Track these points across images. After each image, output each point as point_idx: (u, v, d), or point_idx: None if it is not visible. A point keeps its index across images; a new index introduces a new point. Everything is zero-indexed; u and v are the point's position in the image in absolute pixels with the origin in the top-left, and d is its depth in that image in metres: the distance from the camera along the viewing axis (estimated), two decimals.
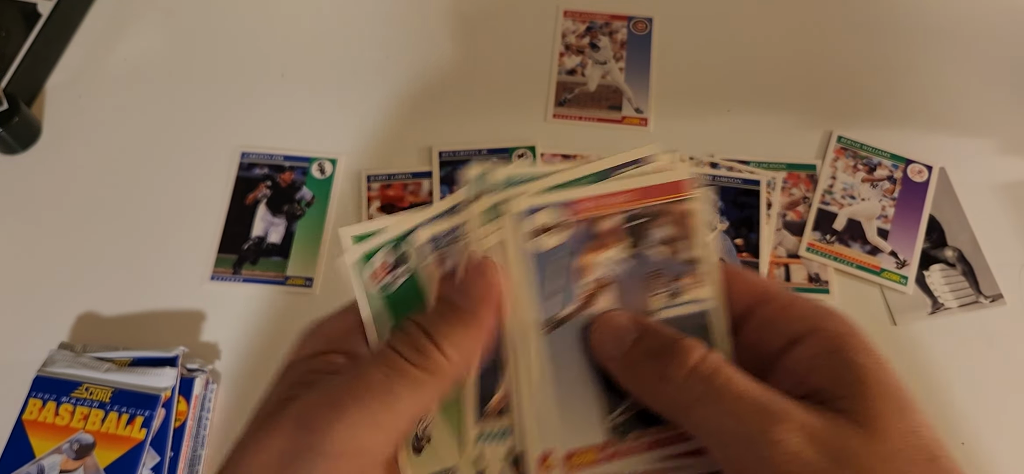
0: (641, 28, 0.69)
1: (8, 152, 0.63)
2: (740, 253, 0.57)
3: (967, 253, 0.57)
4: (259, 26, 0.70)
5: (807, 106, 0.65)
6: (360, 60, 0.68)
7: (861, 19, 0.69)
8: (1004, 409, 0.52)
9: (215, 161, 0.63)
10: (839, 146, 0.62)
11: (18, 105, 0.62)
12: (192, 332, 0.56)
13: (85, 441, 0.48)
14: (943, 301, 0.56)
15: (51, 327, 0.56)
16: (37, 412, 0.49)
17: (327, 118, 0.65)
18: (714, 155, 0.62)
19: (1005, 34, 0.68)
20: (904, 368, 0.59)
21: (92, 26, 0.70)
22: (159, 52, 0.69)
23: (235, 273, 0.58)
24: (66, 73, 0.68)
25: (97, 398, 0.49)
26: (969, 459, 0.51)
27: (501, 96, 0.66)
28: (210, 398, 0.53)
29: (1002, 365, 0.53)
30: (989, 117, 0.64)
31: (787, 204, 0.60)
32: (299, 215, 0.60)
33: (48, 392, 0.49)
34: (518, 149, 0.62)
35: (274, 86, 0.67)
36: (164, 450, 0.48)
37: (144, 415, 0.49)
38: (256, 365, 0.55)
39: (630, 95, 0.65)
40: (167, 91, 0.67)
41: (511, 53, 0.68)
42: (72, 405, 0.49)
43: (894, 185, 0.60)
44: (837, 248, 0.58)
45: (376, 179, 0.62)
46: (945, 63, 0.67)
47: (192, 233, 0.60)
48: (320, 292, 0.57)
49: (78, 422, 0.49)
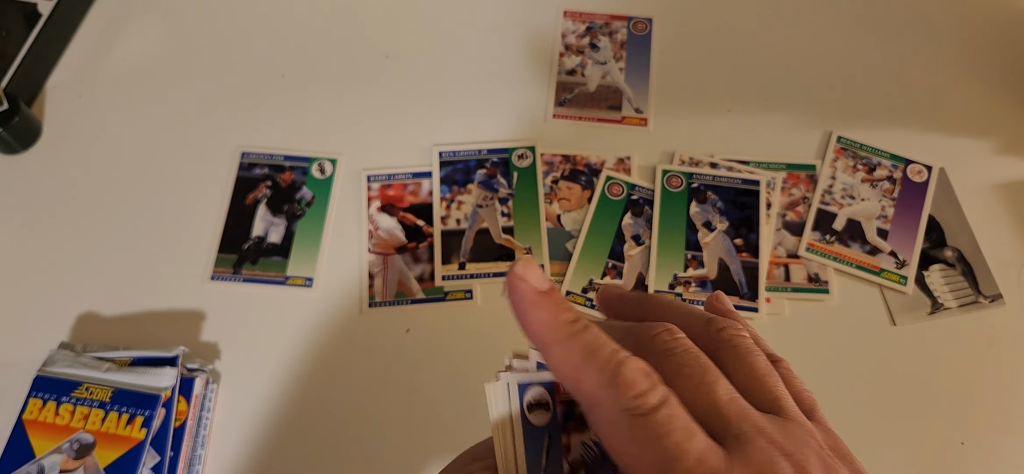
0: (641, 28, 0.69)
1: (8, 152, 0.64)
2: (740, 253, 0.57)
3: (967, 253, 0.57)
4: (259, 26, 0.70)
5: (807, 106, 0.65)
6: (360, 60, 0.68)
7: (861, 19, 0.69)
8: (1003, 409, 0.52)
9: (215, 161, 0.63)
10: (839, 146, 0.62)
11: (18, 105, 0.62)
12: (192, 332, 0.56)
13: (85, 441, 0.48)
14: (943, 301, 0.56)
15: (51, 327, 0.56)
16: (37, 412, 0.49)
17: (327, 118, 0.65)
18: (714, 155, 0.62)
19: (1004, 34, 0.68)
20: (903, 368, 0.60)
21: (92, 26, 0.71)
22: (159, 52, 0.69)
23: (235, 273, 0.58)
24: (66, 73, 0.68)
25: (97, 398, 0.49)
26: (968, 459, 0.51)
27: (501, 96, 0.66)
28: (210, 397, 0.53)
29: (1001, 365, 0.53)
30: (989, 117, 0.64)
31: (787, 204, 0.60)
32: (299, 215, 0.60)
33: (48, 392, 0.49)
34: (518, 149, 0.62)
35: (274, 86, 0.67)
36: (164, 450, 0.48)
37: (144, 415, 0.49)
38: (256, 365, 0.55)
39: (630, 95, 0.65)
40: (167, 91, 0.67)
41: (511, 53, 0.68)
42: (72, 405, 0.49)
43: (894, 185, 0.60)
44: (837, 248, 0.58)
45: (376, 179, 0.62)
46: (945, 63, 0.67)
47: (192, 233, 0.60)
48: (320, 292, 0.57)
49: (78, 422, 0.49)
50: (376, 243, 0.59)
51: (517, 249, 0.58)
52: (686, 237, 0.58)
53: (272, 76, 0.67)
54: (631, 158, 0.62)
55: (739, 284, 0.56)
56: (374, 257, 0.58)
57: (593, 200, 0.60)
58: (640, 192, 0.60)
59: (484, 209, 0.60)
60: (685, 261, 0.57)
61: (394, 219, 0.60)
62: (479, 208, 0.60)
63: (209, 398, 0.53)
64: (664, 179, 0.60)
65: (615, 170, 0.61)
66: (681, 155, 0.62)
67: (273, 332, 0.56)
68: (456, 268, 0.58)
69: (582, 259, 0.58)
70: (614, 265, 0.57)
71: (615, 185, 0.61)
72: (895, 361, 0.54)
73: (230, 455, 0.52)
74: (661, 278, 0.57)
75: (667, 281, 0.56)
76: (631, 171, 0.62)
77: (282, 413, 0.53)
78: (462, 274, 0.58)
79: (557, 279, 0.57)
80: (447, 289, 0.57)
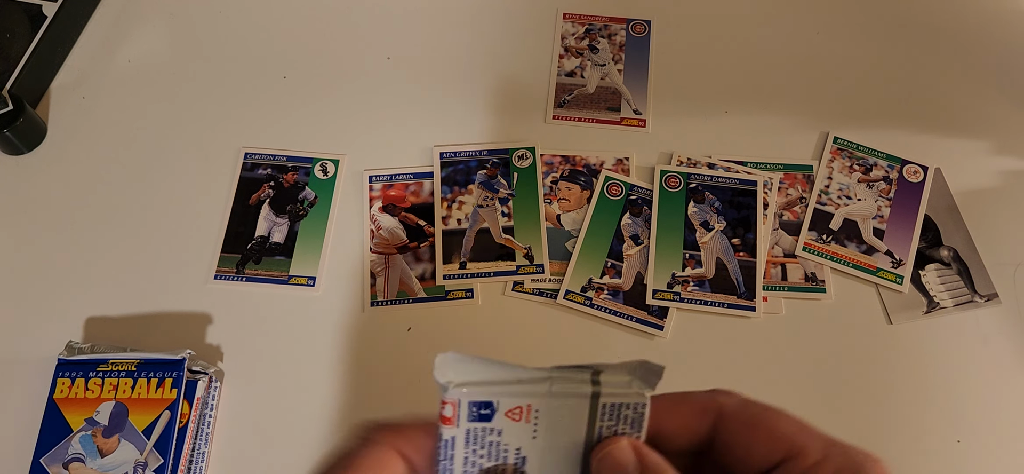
0: (640, 30, 0.70)
1: (13, 153, 0.64)
2: (737, 253, 0.58)
3: (962, 253, 0.58)
4: (262, 28, 0.71)
5: (804, 107, 0.65)
6: (362, 61, 0.69)
7: (857, 21, 0.70)
8: (999, 408, 0.53)
9: (218, 161, 0.63)
10: (835, 147, 0.63)
11: (23, 106, 0.62)
12: (195, 330, 0.57)
13: (117, 410, 0.50)
14: (938, 300, 0.56)
15: (55, 326, 0.57)
16: (67, 389, 0.50)
17: (329, 119, 0.66)
18: (712, 156, 0.62)
19: (1000, 35, 0.69)
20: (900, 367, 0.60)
21: (96, 28, 0.71)
22: (163, 53, 0.70)
23: (238, 273, 0.59)
24: (71, 74, 0.69)
25: (124, 368, 0.51)
26: (965, 458, 0.51)
27: (501, 97, 0.66)
28: (213, 397, 0.53)
29: (997, 364, 0.54)
30: (984, 118, 0.64)
31: (784, 204, 0.61)
32: (302, 215, 0.61)
33: (74, 371, 0.51)
34: (518, 150, 0.63)
35: (277, 87, 0.67)
36: (168, 452, 0.49)
37: (173, 376, 0.50)
38: (259, 363, 0.55)
39: (629, 97, 0.66)
40: (171, 92, 0.67)
41: (511, 55, 0.69)
42: (100, 378, 0.50)
43: (890, 185, 0.61)
44: (833, 248, 0.58)
45: (378, 179, 0.62)
46: (941, 64, 0.67)
47: (196, 233, 0.60)
48: (323, 291, 0.58)
49: (108, 392, 0.50)
50: (378, 243, 0.60)
51: (517, 249, 0.59)
52: (684, 237, 0.59)
53: (275, 77, 0.68)
54: (630, 159, 0.63)
55: (736, 283, 0.57)
56: (376, 256, 0.59)
57: (592, 200, 0.61)
58: (639, 192, 0.61)
59: (485, 209, 0.61)
60: (683, 260, 0.58)
61: (396, 219, 0.61)
62: (480, 208, 0.61)
63: (212, 397, 0.53)
64: (662, 179, 0.61)
65: (614, 171, 0.62)
66: (679, 156, 0.62)
67: (276, 331, 0.57)
68: (457, 267, 0.58)
69: (581, 258, 0.58)
70: (613, 264, 0.58)
71: (614, 185, 0.61)
72: (891, 360, 0.54)
73: (234, 452, 0.53)
74: (659, 277, 0.57)
75: (665, 280, 0.57)
76: (630, 172, 0.62)
77: (285, 410, 0.54)
78: (463, 273, 0.58)
79: (557, 278, 0.58)
80: (448, 288, 0.58)
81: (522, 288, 0.58)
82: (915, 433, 0.52)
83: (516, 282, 0.58)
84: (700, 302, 0.56)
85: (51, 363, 0.51)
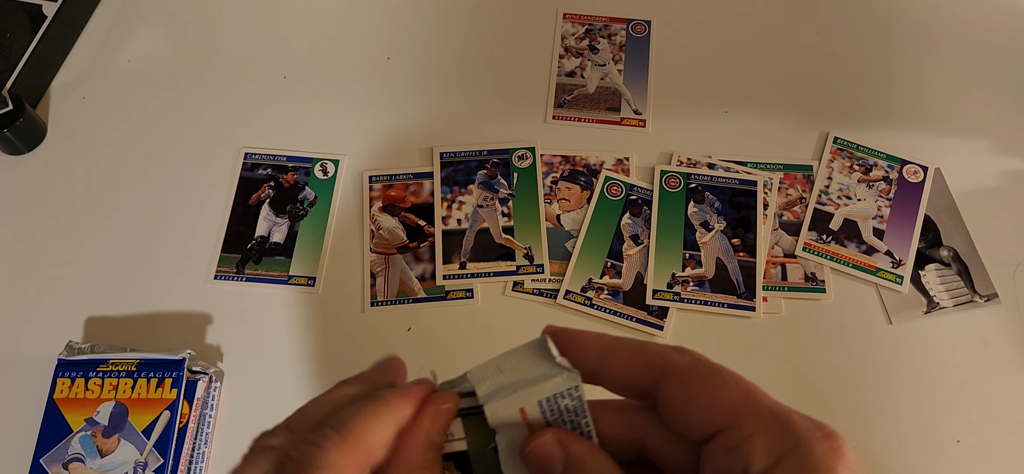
0: (640, 31, 0.70)
1: (13, 153, 0.64)
2: (737, 253, 0.58)
3: (962, 253, 0.58)
4: (262, 27, 0.71)
5: (803, 108, 0.65)
6: (362, 61, 0.69)
7: (857, 21, 0.70)
8: (999, 408, 0.53)
9: (218, 161, 0.63)
10: (835, 147, 0.63)
11: (23, 106, 0.62)
12: (195, 330, 0.57)
13: (117, 410, 0.49)
14: (938, 300, 0.56)
15: (55, 326, 0.57)
16: (67, 390, 0.50)
17: (330, 119, 0.66)
18: (711, 156, 0.62)
19: (1000, 35, 0.69)
20: (899, 367, 0.60)
21: (96, 27, 0.71)
22: (163, 53, 0.70)
23: (238, 273, 0.59)
24: (71, 74, 0.69)
25: (123, 368, 0.51)
26: (965, 457, 0.51)
27: (501, 97, 0.66)
28: (213, 397, 0.53)
29: (997, 364, 0.54)
30: (984, 118, 0.64)
31: (784, 204, 0.61)
32: (302, 215, 0.61)
33: (74, 371, 0.51)
34: (518, 150, 0.63)
35: (277, 87, 0.67)
36: (168, 453, 0.49)
37: (173, 376, 0.50)
38: (259, 363, 0.55)
39: (629, 97, 0.66)
40: (171, 92, 0.67)
41: (511, 55, 0.69)
42: (100, 378, 0.50)
43: (890, 185, 0.61)
44: (833, 248, 0.58)
45: (378, 179, 0.62)
46: (940, 64, 0.67)
47: (196, 233, 0.60)
48: (323, 291, 0.58)
49: (108, 392, 0.50)
50: (378, 243, 0.60)
51: (517, 249, 0.59)
52: (684, 237, 0.59)
53: (275, 77, 0.68)
54: (630, 159, 0.63)
55: (736, 283, 0.57)
56: (376, 256, 0.59)
57: (592, 200, 0.61)
58: (639, 192, 0.61)
59: (485, 209, 0.61)
60: (683, 261, 0.58)
61: (396, 219, 0.61)
62: (480, 208, 0.61)
63: (212, 397, 0.53)
64: (662, 180, 0.61)
65: (614, 171, 0.62)
66: (679, 156, 0.62)
67: (276, 330, 0.57)
68: (457, 267, 0.58)
69: (581, 258, 0.58)
70: (613, 264, 0.58)
71: (614, 185, 0.61)
72: (891, 360, 0.55)
73: (234, 452, 0.53)
74: (659, 277, 0.57)
75: (665, 281, 0.57)
76: (630, 172, 0.62)
77: (285, 410, 0.54)
78: (463, 273, 0.58)
79: (557, 278, 0.58)
80: (448, 288, 0.58)
81: (522, 288, 0.58)
82: (915, 433, 0.52)
83: (516, 282, 0.58)
84: (700, 302, 0.56)
85: (51, 363, 0.51)
